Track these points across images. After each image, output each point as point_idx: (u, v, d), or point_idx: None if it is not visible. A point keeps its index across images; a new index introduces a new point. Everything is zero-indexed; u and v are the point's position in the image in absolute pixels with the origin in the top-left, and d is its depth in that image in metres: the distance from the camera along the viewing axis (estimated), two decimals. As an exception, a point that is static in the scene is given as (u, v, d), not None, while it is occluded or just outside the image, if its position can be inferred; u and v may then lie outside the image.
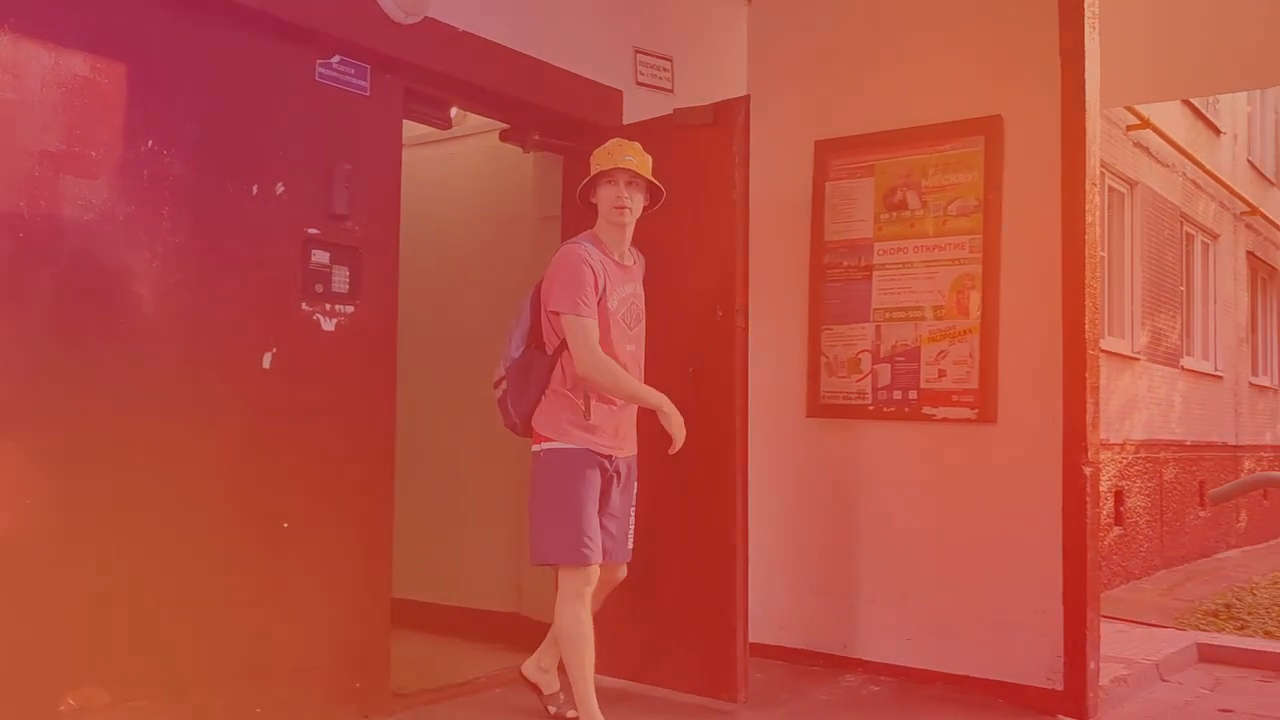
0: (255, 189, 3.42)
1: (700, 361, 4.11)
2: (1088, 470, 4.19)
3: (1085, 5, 4.23)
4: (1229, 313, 14.31)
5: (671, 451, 3.55)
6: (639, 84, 4.80)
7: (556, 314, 3.49)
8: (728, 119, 4.08)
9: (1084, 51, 4.22)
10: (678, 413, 3.51)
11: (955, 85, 4.61)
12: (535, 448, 3.59)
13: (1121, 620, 7.23)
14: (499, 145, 4.74)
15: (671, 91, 4.94)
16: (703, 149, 4.12)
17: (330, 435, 3.61)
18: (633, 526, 3.73)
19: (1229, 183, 13.91)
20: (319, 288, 3.58)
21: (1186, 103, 12.34)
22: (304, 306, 3.54)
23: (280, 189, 3.47)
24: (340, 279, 3.64)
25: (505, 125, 4.60)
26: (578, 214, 4.60)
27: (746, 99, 4.07)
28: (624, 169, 3.54)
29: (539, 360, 3.58)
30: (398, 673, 3.89)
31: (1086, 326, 4.26)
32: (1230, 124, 14.29)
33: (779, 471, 4.96)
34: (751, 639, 4.95)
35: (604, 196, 3.58)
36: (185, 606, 3.21)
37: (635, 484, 3.74)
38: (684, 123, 4.16)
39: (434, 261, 5.29)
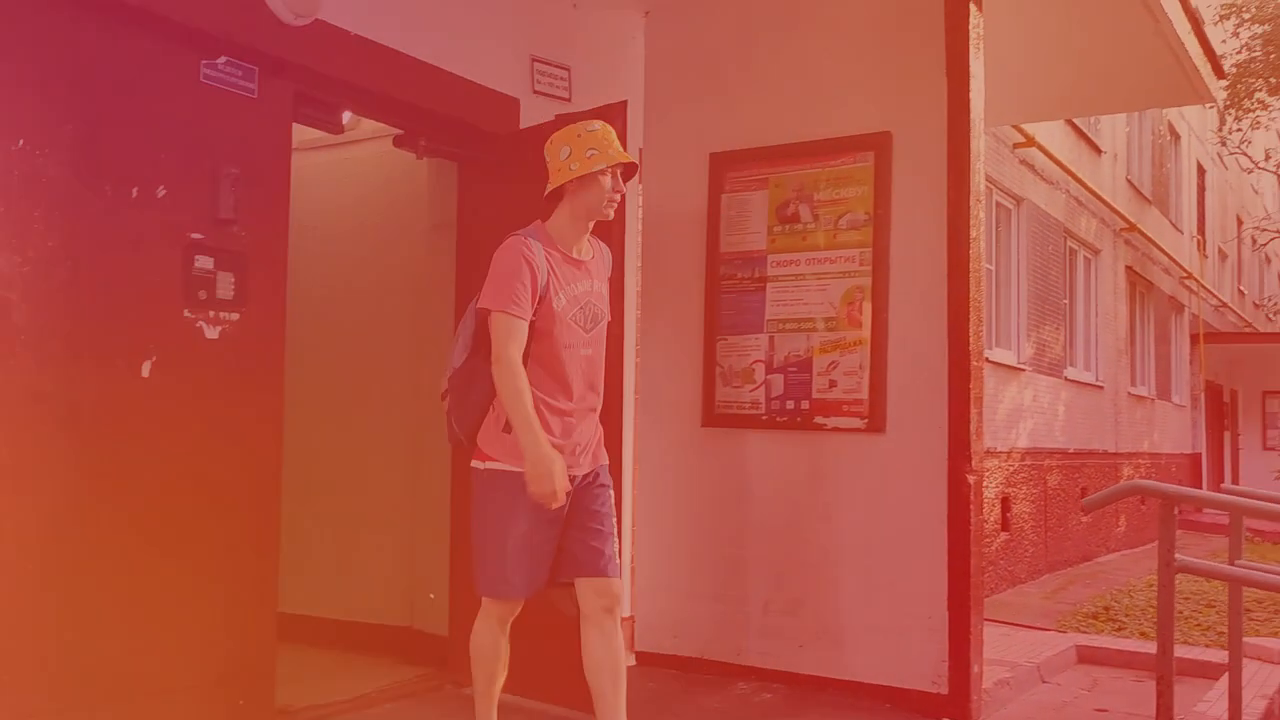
0: (135, 192, 3.30)
1: None
2: (971, 479, 4.30)
3: (970, 28, 4.36)
4: (1109, 325, 14.89)
5: (539, 502, 3.09)
6: (536, 92, 4.79)
7: (487, 312, 3.15)
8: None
9: (969, 72, 4.35)
10: (542, 469, 3.00)
11: (847, 102, 4.71)
12: (474, 464, 3.24)
13: (1006, 624, 7.46)
14: (393, 151, 4.68)
15: (569, 100, 4.94)
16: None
17: (212, 445, 3.50)
18: (616, 535, 3.33)
19: (1109, 200, 14.49)
20: (202, 294, 3.47)
21: (1070, 123, 12.83)
22: (186, 313, 3.43)
23: (162, 192, 3.36)
24: (225, 285, 3.54)
25: (399, 131, 4.55)
26: (472, 221, 4.60)
27: (623, 105, 4.08)
28: (630, 163, 3.26)
29: (483, 369, 3.19)
30: (284, 689, 3.80)
31: (971, 338, 4.37)
32: (1110, 144, 14.90)
33: (674, 481, 5.00)
34: (645, 648, 5.00)
35: (591, 188, 3.18)
36: (52, 625, 3.08)
37: (609, 491, 3.37)
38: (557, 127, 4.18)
39: (325, 268, 5.19)
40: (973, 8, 4.36)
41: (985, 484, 10.21)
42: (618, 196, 3.24)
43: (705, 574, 4.90)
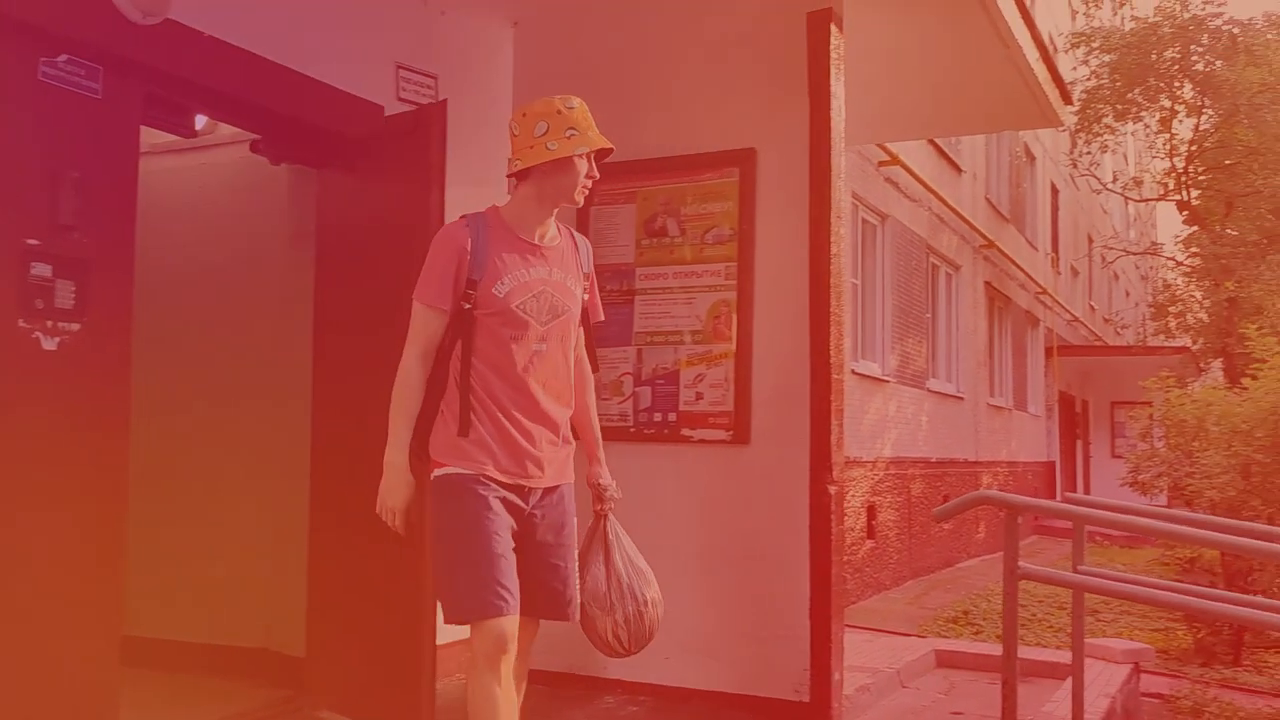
0: (-37, 195, 3.12)
1: (365, 376, 4.06)
2: (833, 489, 4.39)
3: (831, 49, 4.46)
4: (969, 338, 15.46)
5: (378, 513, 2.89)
6: (401, 99, 4.71)
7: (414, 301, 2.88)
8: (425, 126, 4.08)
9: (830, 92, 4.44)
10: (383, 484, 2.83)
11: (713, 118, 4.77)
12: (432, 474, 2.90)
13: (871, 630, 7.63)
14: (251, 156, 4.54)
15: (436, 110, 4.88)
16: (405, 157, 4.12)
17: (51, 462, 3.32)
18: (575, 574, 3.00)
19: (969, 218, 15.05)
20: (39, 303, 3.29)
21: (932, 142, 13.28)
22: (21, 324, 3.24)
23: (-7, 195, 3.19)
24: (65, 294, 3.36)
25: (256, 136, 4.41)
26: (332, 230, 4.49)
27: (443, 105, 4.03)
28: (608, 148, 2.97)
29: (432, 373, 2.91)
30: (131, 716, 3.62)
31: (832, 352, 4.46)
32: (970, 164, 15.48)
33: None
34: (535, 666, 4.94)
35: (566, 171, 2.88)
36: None
37: (572, 519, 3.01)
38: (389, 130, 4.15)
39: (179, 277, 5.00)
40: (833, 29, 4.46)
41: (851, 493, 10.45)
42: (590, 183, 2.95)
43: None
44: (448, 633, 4.66)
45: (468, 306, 2.83)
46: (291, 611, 4.57)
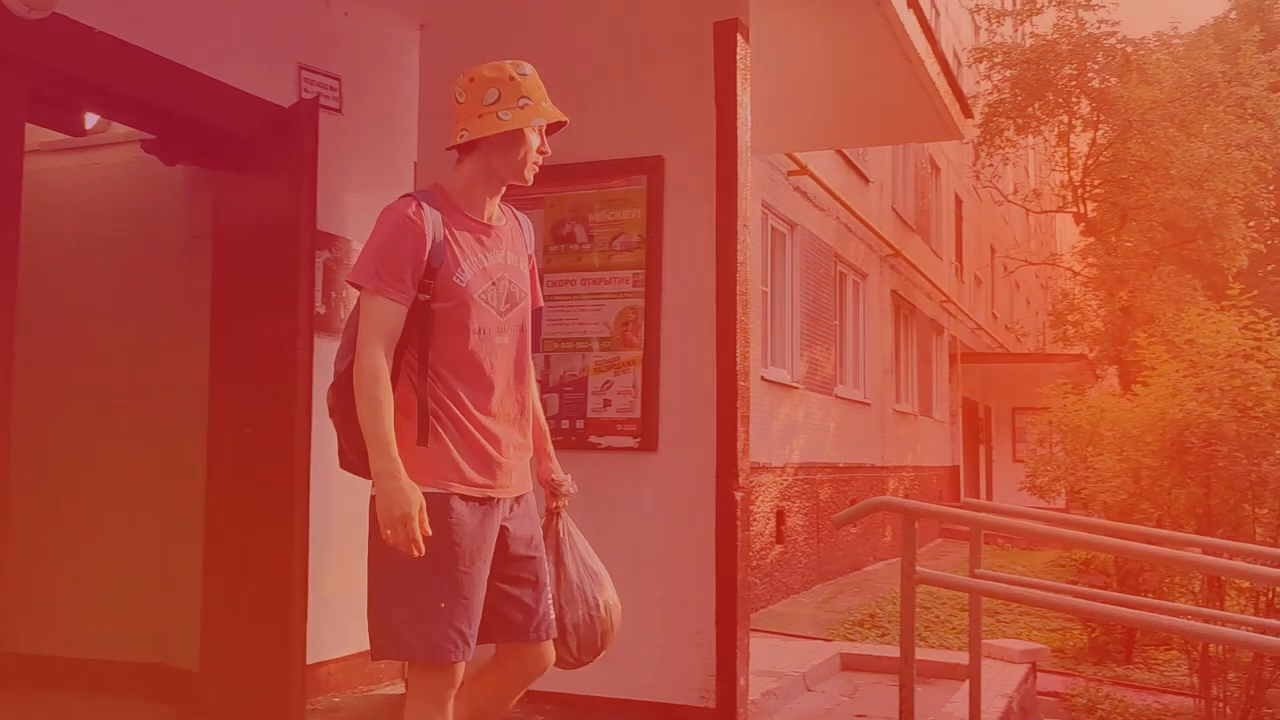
0: None
1: (260, 382, 4.03)
2: (739, 495, 4.42)
3: (738, 59, 4.50)
4: (876, 345, 15.74)
5: (383, 534, 2.41)
6: (304, 100, 4.61)
7: (357, 289, 2.53)
8: (296, 123, 4.03)
9: (737, 101, 4.48)
10: (394, 509, 2.37)
11: (622, 125, 4.77)
12: (372, 491, 2.51)
13: (778, 634, 7.71)
14: (145, 156, 4.41)
15: (340, 111, 4.79)
16: (280, 155, 4.06)
17: (-76, 474, 3.18)
18: (550, 590, 2.74)
19: (876, 228, 15.34)
20: (-87, 306, 3.15)
21: (840, 153, 13.50)
22: (-108, 328, 3.10)
23: None
24: (-59, 297, 3.23)
25: (150, 136, 4.28)
26: (230, 232, 4.37)
27: (314, 101, 3.98)
28: (562, 121, 2.72)
29: None
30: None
31: (738, 359, 4.49)
32: (878, 174, 15.78)
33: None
34: (416, 675, 4.88)
35: (518, 144, 2.62)
36: None
37: (540, 528, 2.78)
38: (266, 128, 4.09)
39: (70, 279, 4.82)
40: (740, 39, 4.50)
41: (761, 498, 10.55)
42: (541, 159, 2.70)
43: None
44: (330, 648, 4.61)
45: (425, 298, 2.50)
46: (185, 623, 4.44)
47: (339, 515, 4.59)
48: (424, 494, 2.43)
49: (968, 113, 6.66)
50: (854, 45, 5.31)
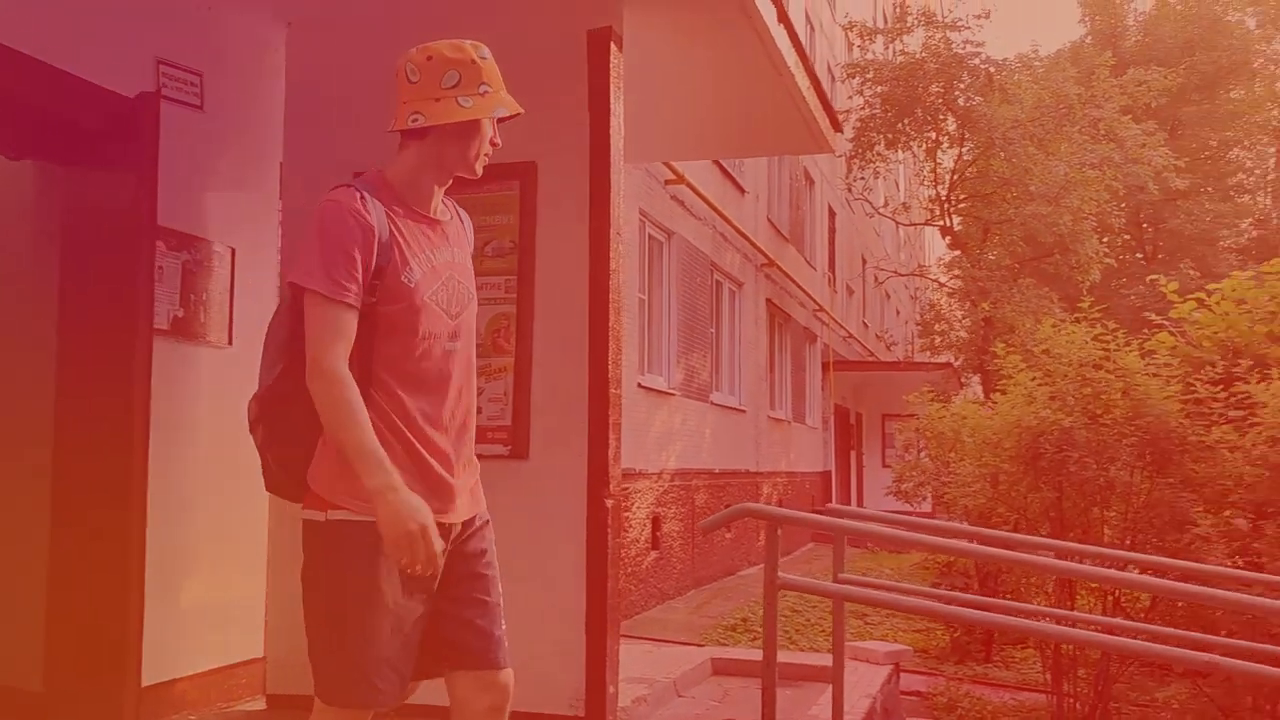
0: None
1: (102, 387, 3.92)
2: (610, 503, 4.42)
3: (611, 67, 4.51)
4: (751, 353, 15.99)
5: (406, 570, 2.22)
6: (163, 97, 4.44)
7: (298, 291, 2.27)
8: (137, 120, 3.92)
9: (610, 109, 4.49)
10: (402, 525, 2.15)
11: (497, 130, 4.72)
12: (307, 514, 2.34)
13: (652, 640, 7.75)
14: (-13, 150, 4.18)
15: (201, 108, 4.63)
16: (120, 152, 3.95)
17: None
18: (501, 609, 2.58)
19: (752, 237, 15.59)
20: None
21: (717, 163, 13.69)
22: None
23: None
24: None
25: (-8, 128, 4.07)
26: (79, 231, 4.18)
27: (155, 95, 3.86)
28: (517, 113, 2.49)
29: (305, 384, 2.29)
30: None
31: (610, 367, 4.49)
32: (753, 185, 16.04)
33: (300, 524, 4.77)
34: (277, 690, 4.73)
35: (472, 134, 2.40)
36: None
37: (493, 545, 2.57)
38: (109, 122, 3.97)
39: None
40: (613, 48, 4.51)
41: (636, 505, 10.59)
42: (492, 151, 2.49)
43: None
44: (186, 663, 4.44)
45: (370, 300, 2.26)
46: (30, 642, 4.21)
47: (200, 524, 4.43)
48: (359, 522, 2.23)
49: (837, 127, 6.82)
50: (726, 58, 5.38)
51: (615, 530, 4.47)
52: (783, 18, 5.12)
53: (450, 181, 2.48)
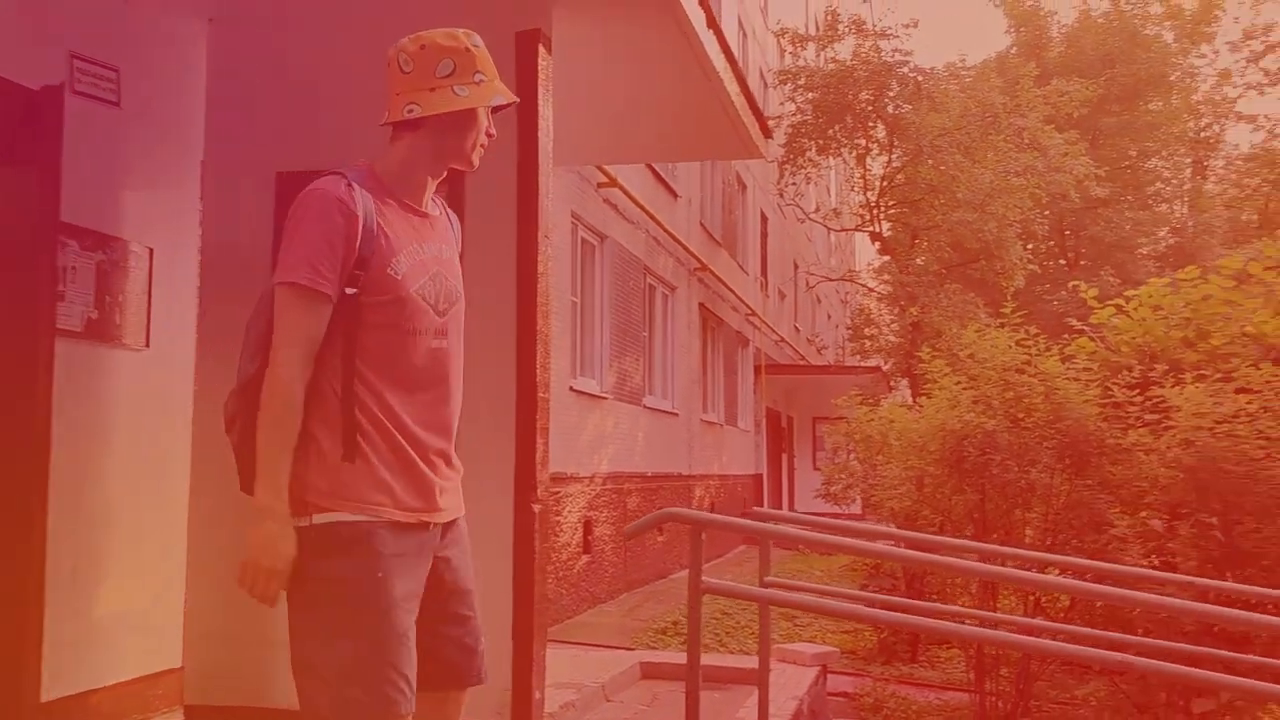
0: None
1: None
2: (537, 508, 4.39)
3: (539, 69, 4.49)
4: (684, 357, 16.04)
5: (237, 579, 2.21)
6: (76, 92, 4.32)
7: (280, 287, 2.21)
8: (40, 113, 3.84)
9: (538, 112, 4.47)
10: (262, 546, 2.13)
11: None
12: (309, 519, 2.21)
13: (581, 645, 7.73)
14: (-111, 145, 4.02)
15: (118, 105, 4.51)
16: (25, 147, 3.87)
17: None
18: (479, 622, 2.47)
19: (685, 241, 15.65)
20: None
21: (649, 167, 13.71)
22: None
23: None
24: None
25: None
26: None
27: (59, 88, 3.77)
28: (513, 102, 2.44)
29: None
30: None
31: (539, 370, 4.47)
32: (686, 189, 16.10)
33: (230, 524, 4.65)
34: (195, 701, 4.63)
35: (469, 125, 2.34)
36: None
37: (471, 557, 2.49)
38: (14, 117, 3.88)
39: None
40: (542, 50, 4.49)
41: (568, 509, 10.56)
42: (488, 142, 2.43)
43: (260, 620, 4.61)
44: (100, 674, 4.32)
45: (352, 292, 2.19)
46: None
47: (116, 531, 4.32)
48: (346, 523, 2.16)
49: (767, 133, 6.87)
50: (656, 63, 5.39)
51: (542, 535, 4.45)
52: (711, 23, 5.14)
53: (444, 174, 2.43)
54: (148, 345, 4.61)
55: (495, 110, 2.45)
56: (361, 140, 4.67)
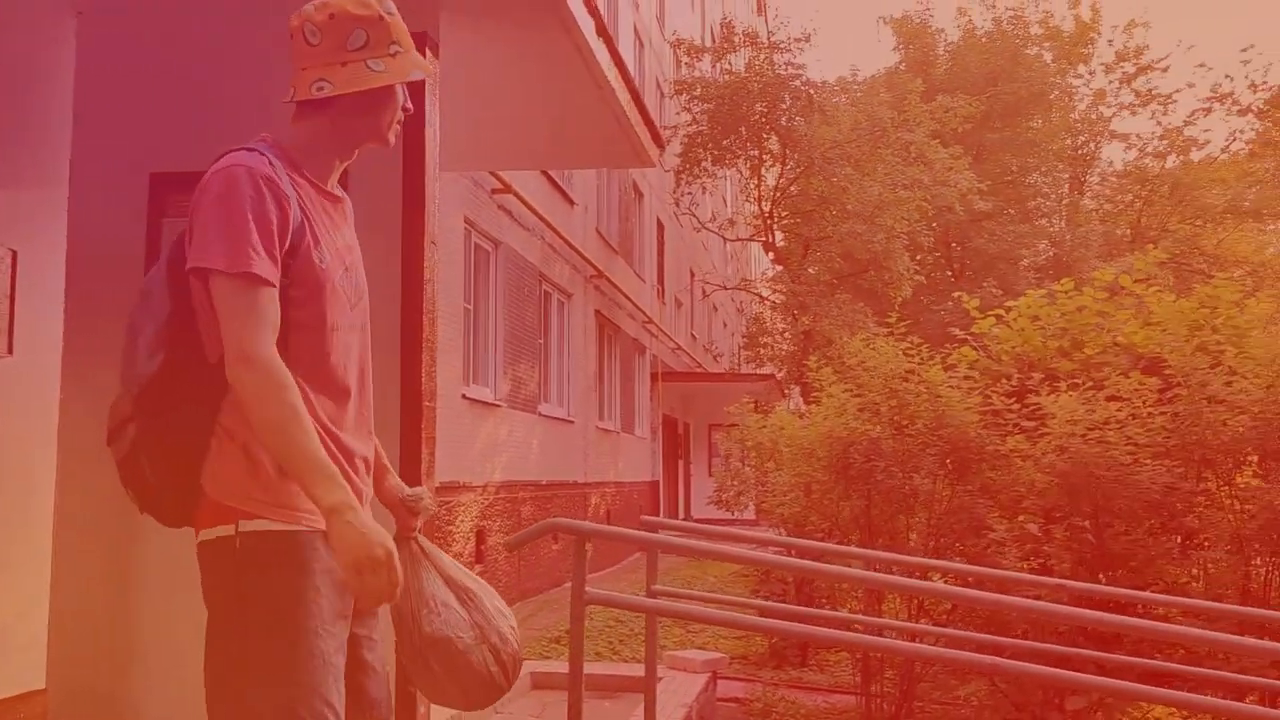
0: None
1: None
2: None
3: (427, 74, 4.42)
4: (580, 364, 16.02)
5: (363, 604, 1.97)
6: (-68, 87, 4.11)
7: (204, 274, 1.94)
8: None
9: (424, 118, 4.40)
10: (364, 548, 1.83)
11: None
12: (205, 534, 1.99)
13: (472, 656, 7.62)
14: None
15: (-22, 100, 4.30)
16: None
17: None
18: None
19: (581, 249, 15.63)
20: None
21: (545, 174, 13.66)
22: None
23: None
24: None
25: None
26: None
27: None
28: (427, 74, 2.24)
29: (194, 374, 2.01)
30: None
31: (424, 379, 4.40)
32: (582, 197, 16.10)
33: (98, 544, 4.49)
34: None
35: (386, 101, 2.16)
36: None
37: None
38: None
39: None
40: (429, 54, 4.43)
41: (460, 518, 10.43)
42: (404, 118, 2.25)
43: (129, 639, 4.44)
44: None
45: (283, 283, 1.97)
46: None
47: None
48: (276, 532, 1.93)
49: (660, 142, 6.90)
50: (546, 70, 5.36)
51: (429, 546, 4.37)
52: (602, 31, 5.14)
53: (354, 156, 2.23)
54: (10, 352, 4.39)
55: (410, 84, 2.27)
56: (250, 137, 4.55)
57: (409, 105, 2.22)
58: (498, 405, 11.89)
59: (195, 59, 4.64)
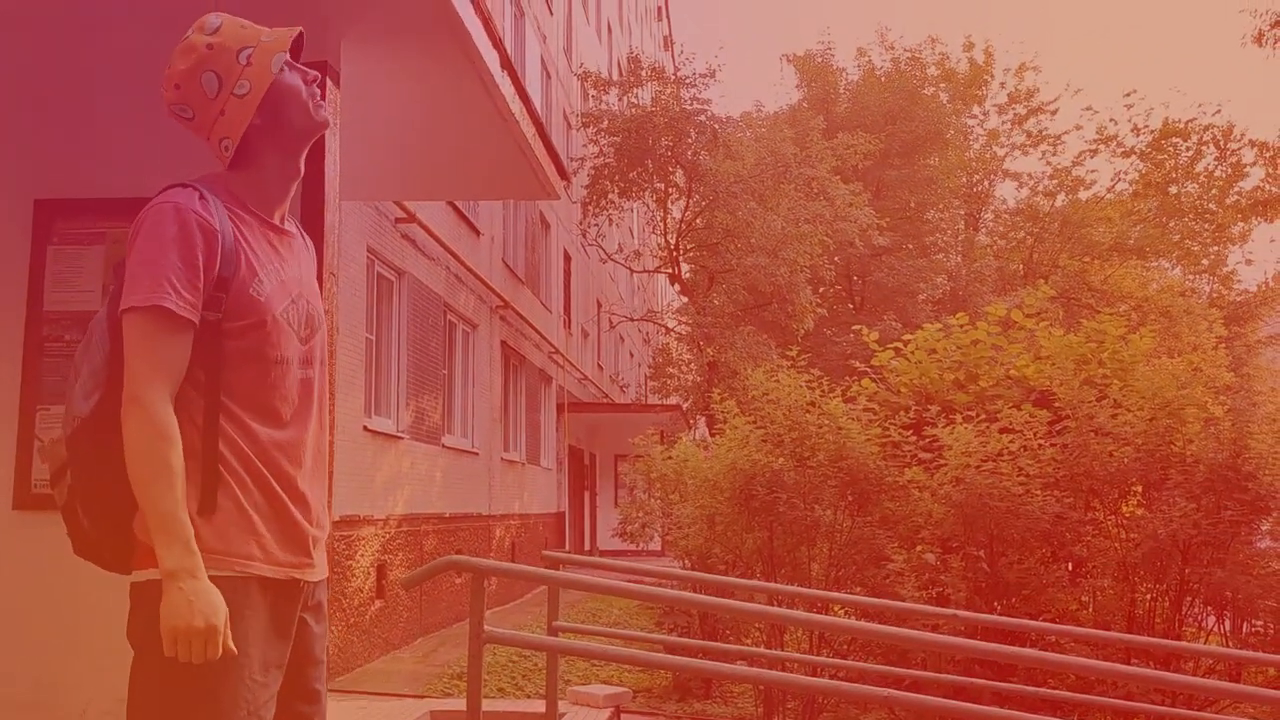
0: None
1: None
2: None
3: (326, 103, 4.36)
4: (485, 395, 15.87)
5: (167, 651, 1.83)
6: None
7: (133, 312, 1.92)
8: None
9: (324, 147, 4.33)
10: (188, 611, 1.79)
11: (201, 158, 4.44)
12: (138, 575, 1.94)
13: (369, 694, 7.45)
14: None
15: None
16: None
17: None
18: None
19: (487, 279, 15.54)
20: None
21: (451, 203, 13.57)
22: None
23: None
24: None
25: None
26: None
27: None
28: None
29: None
30: None
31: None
32: (489, 227, 16.02)
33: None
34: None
35: (291, 100, 2.15)
36: None
37: (327, 624, 2.20)
38: None
39: None
40: (329, 84, 4.37)
41: (361, 552, 10.21)
42: (318, 93, 2.21)
43: (27, 675, 4.23)
44: None
45: (214, 317, 1.95)
46: None
47: None
48: (222, 578, 1.86)
49: (565, 175, 6.91)
50: (450, 102, 5.34)
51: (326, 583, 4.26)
52: (506, 64, 5.14)
53: (301, 173, 2.24)
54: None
55: (294, 53, 2.24)
56: (139, 165, 4.42)
57: (311, 74, 2.21)
58: (400, 437, 11.71)
59: (81, 84, 4.51)
